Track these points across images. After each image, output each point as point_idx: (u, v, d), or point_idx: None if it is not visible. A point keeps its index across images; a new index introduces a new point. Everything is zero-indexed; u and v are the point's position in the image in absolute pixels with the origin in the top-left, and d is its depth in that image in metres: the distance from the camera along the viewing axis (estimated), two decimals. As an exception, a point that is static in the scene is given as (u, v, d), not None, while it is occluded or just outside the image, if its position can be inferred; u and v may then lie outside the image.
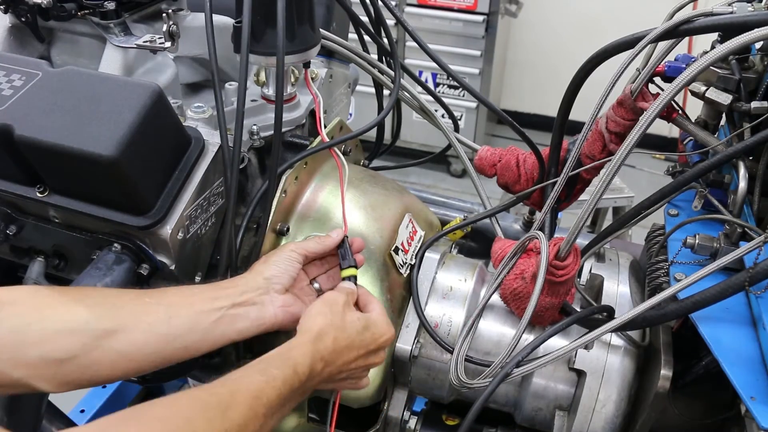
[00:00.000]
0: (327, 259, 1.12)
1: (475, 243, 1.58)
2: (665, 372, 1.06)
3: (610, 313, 1.13)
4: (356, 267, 1.09)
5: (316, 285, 1.11)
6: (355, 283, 1.07)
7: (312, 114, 1.30)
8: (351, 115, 1.71)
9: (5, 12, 1.22)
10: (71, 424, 1.26)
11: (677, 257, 1.08)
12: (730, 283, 0.93)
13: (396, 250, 1.22)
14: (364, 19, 1.37)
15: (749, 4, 1.01)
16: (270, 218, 1.12)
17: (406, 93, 1.42)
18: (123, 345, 0.85)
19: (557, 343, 1.10)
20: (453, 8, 3.83)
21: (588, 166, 1.13)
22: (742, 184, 1.05)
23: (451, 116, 1.51)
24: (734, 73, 1.05)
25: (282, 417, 0.85)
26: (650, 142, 3.09)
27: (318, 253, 1.08)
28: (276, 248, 1.09)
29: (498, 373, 1.04)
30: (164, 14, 1.10)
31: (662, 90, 0.96)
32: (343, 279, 1.08)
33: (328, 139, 1.20)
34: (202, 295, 0.95)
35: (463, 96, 4.04)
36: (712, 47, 0.99)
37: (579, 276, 1.26)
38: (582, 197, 1.25)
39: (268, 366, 0.85)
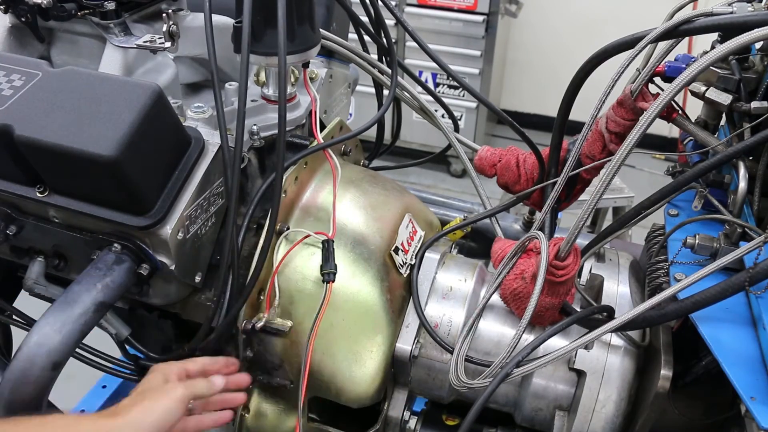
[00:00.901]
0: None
1: (475, 243, 1.58)
2: (665, 372, 1.06)
3: (610, 313, 1.13)
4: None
5: (190, 405, 0.99)
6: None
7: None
8: (351, 115, 1.71)
9: (5, 12, 1.22)
10: (71, 424, 1.26)
11: (677, 257, 1.08)
12: (730, 283, 0.93)
13: (396, 250, 1.22)
14: (364, 19, 1.37)
15: (749, 4, 1.01)
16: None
17: (405, 93, 1.42)
18: None
19: (557, 343, 1.09)
20: (453, 8, 3.83)
21: (588, 166, 1.13)
22: (742, 184, 1.05)
23: (451, 116, 1.51)
24: (734, 73, 1.05)
25: None
26: (650, 142, 3.10)
27: (205, 396, 1.01)
28: (162, 387, 0.95)
29: (498, 374, 1.04)
30: (164, 14, 1.10)
31: (662, 90, 0.96)
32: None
33: (322, 140, 1.20)
34: None
35: (463, 96, 4.03)
36: (712, 47, 0.99)
37: (579, 276, 1.26)
38: (582, 197, 1.25)
39: None
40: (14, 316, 1.31)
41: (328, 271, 1.10)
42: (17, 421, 0.84)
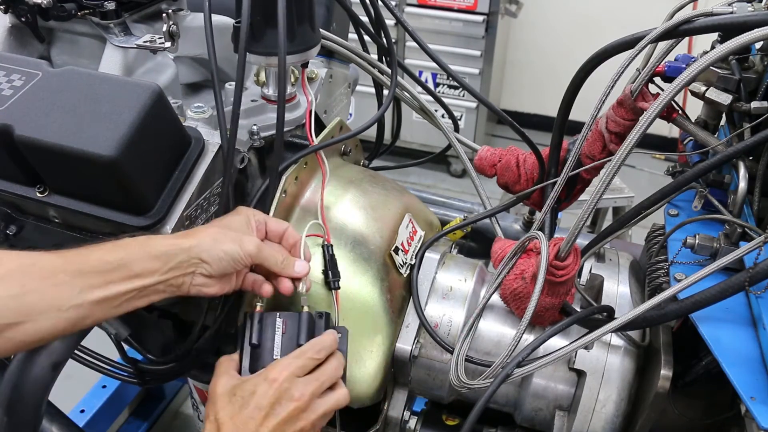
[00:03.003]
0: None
1: (475, 243, 1.58)
2: (665, 372, 1.06)
3: (610, 313, 1.13)
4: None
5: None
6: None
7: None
8: (351, 115, 1.71)
9: (5, 12, 1.21)
10: (71, 424, 1.26)
11: (677, 257, 1.08)
12: (730, 283, 0.93)
13: (396, 250, 1.22)
14: (364, 19, 1.37)
15: (749, 4, 1.01)
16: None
17: (405, 93, 1.42)
18: (26, 335, 0.81)
19: (557, 343, 1.09)
20: (453, 8, 3.83)
21: (588, 166, 1.13)
22: (742, 184, 1.05)
23: (451, 116, 1.51)
24: (734, 73, 1.05)
25: None
26: (650, 142, 3.10)
27: (271, 272, 1.00)
28: (239, 232, 0.98)
29: (499, 374, 1.04)
30: (164, 14, 1.10)
31: (662, 90, 0.96)
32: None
33: (318, 142, 1.20)
34: (126, 269, 0.87)
35: (463, 96, 4.04)
36: (712, 47, 0.99)
37: (579, 276, 1.26)
38: (582, 197, 1.25)
39: None
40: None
41: (334, 279, 1.09)
42: (96, 246, 0.90)
